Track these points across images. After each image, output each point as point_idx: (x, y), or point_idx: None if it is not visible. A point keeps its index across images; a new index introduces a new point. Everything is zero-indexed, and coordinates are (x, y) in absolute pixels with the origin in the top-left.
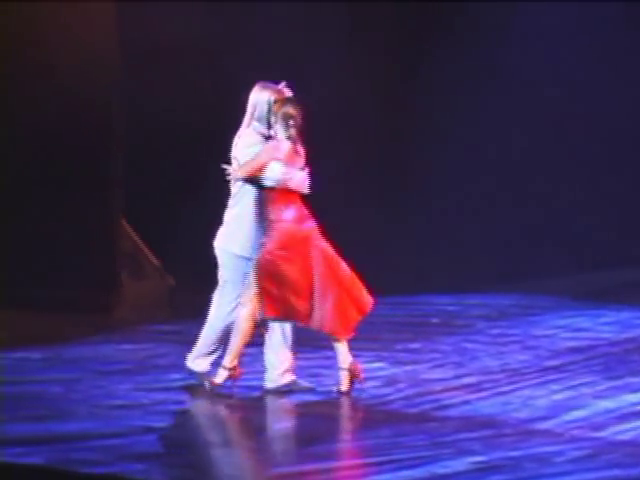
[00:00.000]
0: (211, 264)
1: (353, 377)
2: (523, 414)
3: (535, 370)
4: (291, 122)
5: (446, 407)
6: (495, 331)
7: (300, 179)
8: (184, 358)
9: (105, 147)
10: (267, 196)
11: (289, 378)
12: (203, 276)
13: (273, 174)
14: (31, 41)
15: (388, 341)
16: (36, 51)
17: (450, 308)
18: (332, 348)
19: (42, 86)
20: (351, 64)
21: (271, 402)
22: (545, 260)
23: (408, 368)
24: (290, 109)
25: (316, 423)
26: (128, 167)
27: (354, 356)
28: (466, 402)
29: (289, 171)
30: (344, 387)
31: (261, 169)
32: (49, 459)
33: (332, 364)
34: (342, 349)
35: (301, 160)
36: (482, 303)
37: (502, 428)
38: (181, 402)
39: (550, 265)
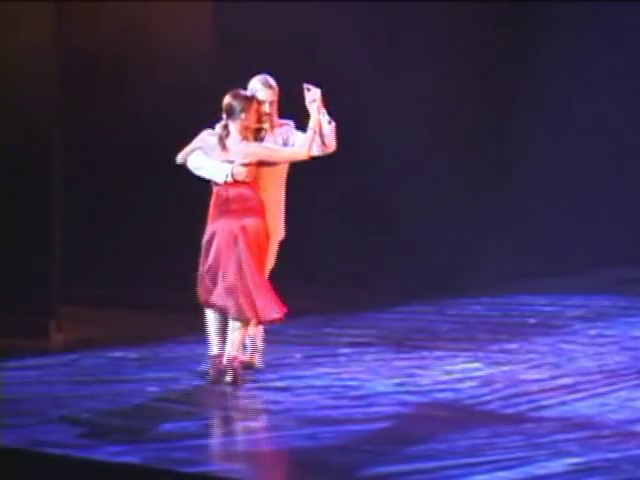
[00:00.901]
0: (304, 265)
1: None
2: (621, 415)
3: (633, 371)
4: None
5: (543, 408)
6: (592, 332)
7: (211, 170)
8: (279, 358)
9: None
10: None
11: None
12: (298, 277)
13: (189, 163)
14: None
15: (485, 342)
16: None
17: (547, 309)
18: (428, 348)
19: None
20: (452, 58)
21: (368, 401)
22: None
23: (505, 369)
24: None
25: (413, 423)
26: None
27: (451, 357)
28: (563, 403)
29: (201, 160)
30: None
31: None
32: (145, 458)
33: (428, 364)
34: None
35: (227, 154)
36: (579, 304)
37: (600, 430)
38: (277, 402)
39: None
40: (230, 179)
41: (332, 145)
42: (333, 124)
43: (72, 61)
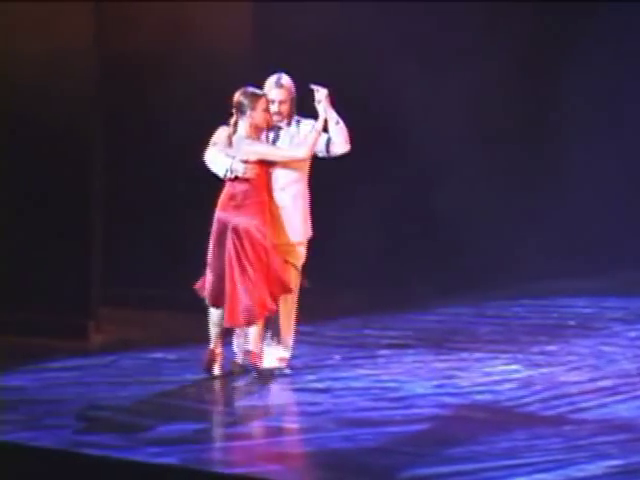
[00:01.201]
0: (344, 266)
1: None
2: None
3: None
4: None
5: (582, 410)
6: (633, 334)
7: (217, 165)
8: (319, 359)
9: None
10: None
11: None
12: (337, 278)
13: (205, 157)
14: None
15: (524, 343)
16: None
17: (587, 310)
18: (467, 350)
19: (177, 92)
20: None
21: (407, 403)
22: None
23: (544, 371)
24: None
25: (452, 425)
26: None
27: (490, 358)
28: (603, 405)
29: (212, 154)
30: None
31: None
32: (184, 459)
33: (467, 366)
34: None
35: (232, 150)
36: (619, 306)
37: (639, 432)
38: (316, 403)
39: None
40: (229, 174)
41: (341, 145)
42: (341, 124)
43: (113, 61)
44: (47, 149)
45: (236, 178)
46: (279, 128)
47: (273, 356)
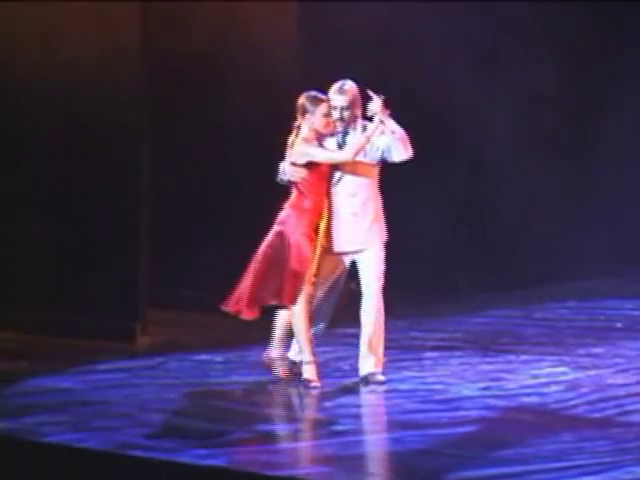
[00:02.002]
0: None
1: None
2: None
3: None
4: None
5: (630, 413)
6: None
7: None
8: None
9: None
10: None
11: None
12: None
13: None
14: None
15: (571, 346)
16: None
17: (634, 313)
18: (514, 352)
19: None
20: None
21: (453, 405)
22: None
23: (591, 373)
24: None
25: (500, 427)
26: None
27: (537, 361)
28: None
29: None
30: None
31: None
32: (231, 461)
33: (514, 368)
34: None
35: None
36: None
37: None
38: (363, 406)
39: None
40: (282, 176)
41: (400, 153)
42: (398, 134)
43: (161, 62)
44: (96, 150)
45: (289, 183)
46: (346, 133)
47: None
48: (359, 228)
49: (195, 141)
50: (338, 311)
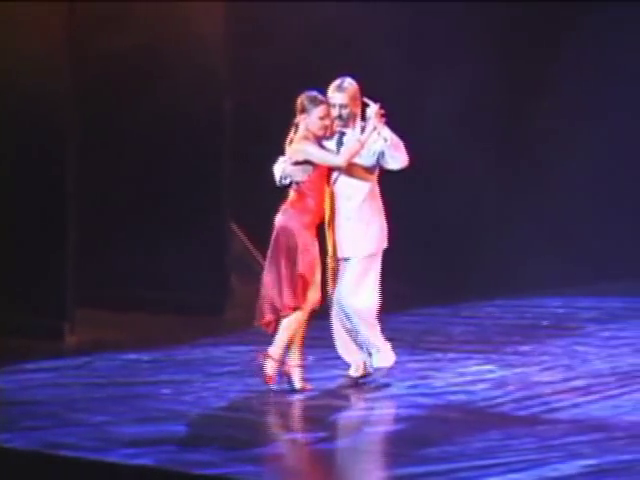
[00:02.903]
0: None
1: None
2: (634, 417)
3: None
4: None
5: (556, 410)
6: (606, 334)
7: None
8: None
9: (215, 148)
10: None
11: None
12: None
13: None
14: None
15: (498, 344)
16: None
17: (560, 311)
18: (441, 350)
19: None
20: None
21: (380, 404)
22: None
23: (518, 371)
24: None
25: (427, 425)
26: (236, 167)
27: (464, 359)
28: (576, 405)
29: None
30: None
31: None
32: (159, 460)
33: (441, 366)
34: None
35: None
36: (593, 306)
37: (613, 431)
38: (292, 404)
39: None
40: (283, 180)
41: (394, 161)
42: (391, 142)
43: (88, 62)
44: (21, 152)
45: (290, 184)
46: (343, 133)
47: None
48: (351, 234)
49: (123, 141)
50: None
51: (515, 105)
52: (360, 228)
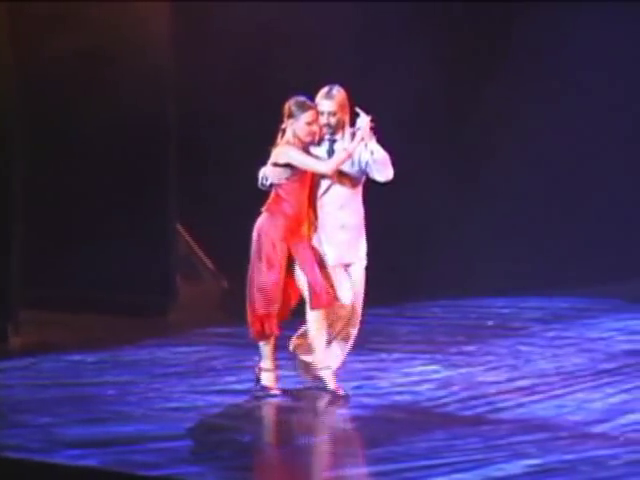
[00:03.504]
0: None
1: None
2: (578, 417)
3: (590, 373)
4: None
5: (500, 410)
6: (550, 334)
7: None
8: (238, 360)
9: (161, 150)
10: None
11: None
12: None
13: None
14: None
15: (443, 344)
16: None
17: (505, 311)
18: (386, 351)
19: (101, 91)
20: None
21: (327, 404)
22: (601, 263)
23: (463, 371)
24: None
25: (372, 426)
26: (182, 167)
27: (409, 359)
28: (520, 405)
29: None
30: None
31: None
32: (104, 461)
33: (386, 367)
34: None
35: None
36: (537, 306)
37: (557, 431)
38: (237, 405)
39: (607, 268)
40: (263, 181)
41: (379, 174)
42: (377, 155)
43: (34, 63)
44: None
45: (271, 186)
46: (333, 141)
47: None
48: (348, 240)
49: (69, 140)
50: (210, 309)
51: (462, 106)
52: (356, 234)
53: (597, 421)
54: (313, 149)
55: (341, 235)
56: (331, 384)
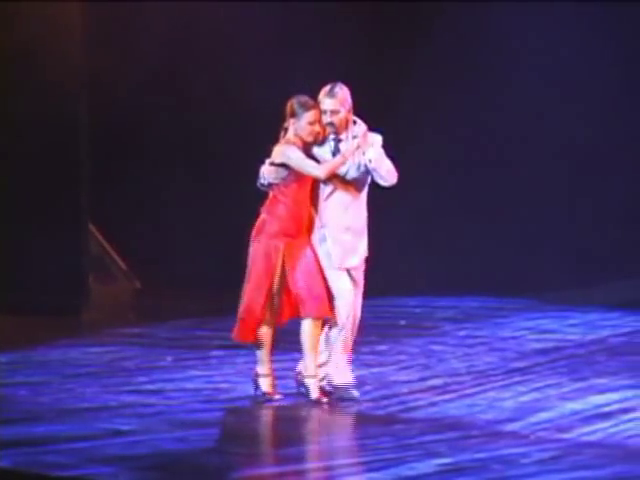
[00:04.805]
0: (175, 267)
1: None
2: (489, 416)
3: (501, 372)
4: None
5: (412, 409)
6: (462, 333)
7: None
8: (150, 360)
9: (73, 149)
10: None
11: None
12: (168, 279)
13: None
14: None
15: (355, 343)
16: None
17: (417, 310)
18: (299, 350)
19: (11, 86)
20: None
21: (242, 405)
22: (514, 262)
23: (375, 370)
24: None
25: (285, 426)
26: (94, 168)
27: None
28: (432, 404)
29: None
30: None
31: None
32: (17, 462)
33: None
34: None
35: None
36: (449, 305)
37: (468, 430)
38: (149, 405)
39: (518, 267)
40: (262, 180)
41: (381, 180)
42: (375, 164)
43: None
44: None
45: (270, 185)
46: (338, 140)
47: None
48: (354, 243)
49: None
50: (122, 310)
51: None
52: (360, 236)
53: (508, 420)
54: (317, 149)
55: (346, 237)
56: (314, 394)
